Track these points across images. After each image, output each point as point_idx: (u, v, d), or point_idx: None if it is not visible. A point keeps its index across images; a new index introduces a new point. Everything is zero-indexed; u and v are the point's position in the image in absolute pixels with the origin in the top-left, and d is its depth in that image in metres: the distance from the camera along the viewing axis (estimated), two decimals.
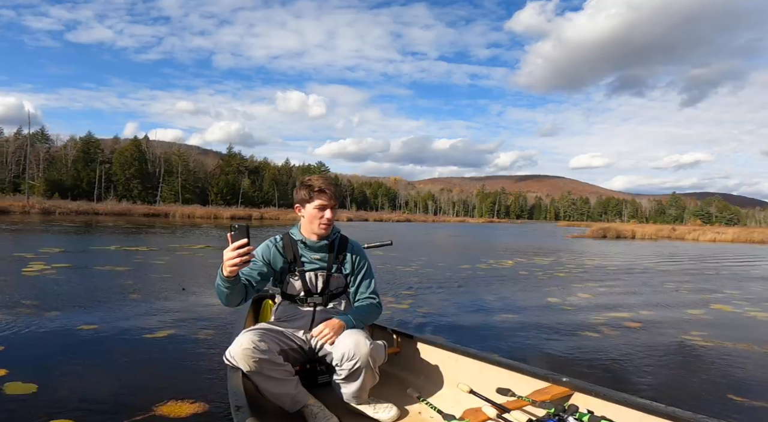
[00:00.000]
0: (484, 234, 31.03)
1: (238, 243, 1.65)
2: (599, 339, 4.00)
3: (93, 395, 2.47)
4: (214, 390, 2.52)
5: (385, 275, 7.66)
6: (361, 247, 2.27)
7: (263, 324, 2.11)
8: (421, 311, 4.94)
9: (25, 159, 60.15)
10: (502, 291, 6.39)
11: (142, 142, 79.77)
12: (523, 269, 9.29)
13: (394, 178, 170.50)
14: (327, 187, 2.05)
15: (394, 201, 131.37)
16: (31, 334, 3.56)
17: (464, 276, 7.94)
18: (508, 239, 24.21)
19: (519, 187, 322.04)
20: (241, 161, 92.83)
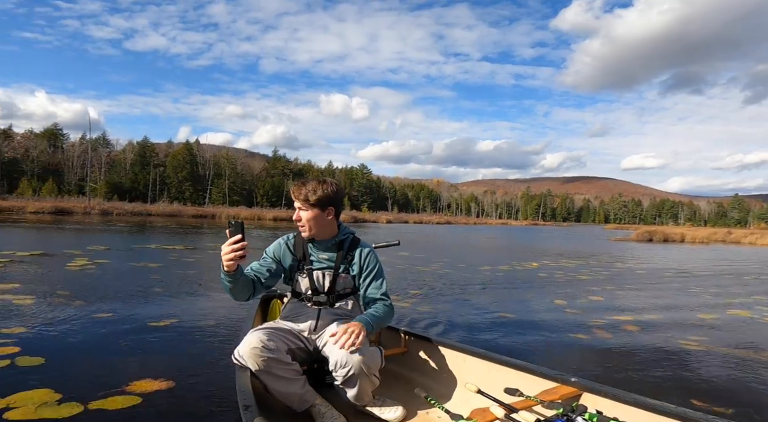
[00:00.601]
0: (522, 236, 30.51)
1: (233, 239, 1.73)
2: (587, 340, 4.04)
3: (90, 375, 2.84)
4: (223, 389, 2.55)
5: (400, 274, 7.85)
6: (372, 249, 2.25)
7: (271, 324, 2.14)
8: (420, 309, 5.10)
9: (88, 163, 64.40)
10: (509, 292, 6.45)
11: (193, 146, 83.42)
12: (545, 271, 9.22)
13: (436, 180, 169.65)
14: (293, 189, 2.10)
15: (437, 203, 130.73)
16: (52, 318, 4.03)
17: (479, 277, 8.00)
18: (544, 242, 23.75)
19: (566, 188, 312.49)
20: (286, 164, 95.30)
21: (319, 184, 2.08)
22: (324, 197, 2.06)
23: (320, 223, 2.10)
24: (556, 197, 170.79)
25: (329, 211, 2.11)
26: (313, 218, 2.07)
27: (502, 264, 10.39)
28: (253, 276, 2.02)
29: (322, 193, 2.05)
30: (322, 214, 2.08)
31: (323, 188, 2.06)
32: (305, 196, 2.05)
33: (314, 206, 2.06)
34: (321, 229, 2.11)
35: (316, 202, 2.06)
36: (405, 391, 2.25)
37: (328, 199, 2.08)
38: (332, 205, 2.11)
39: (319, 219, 2.09)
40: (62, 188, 62.00)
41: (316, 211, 2.07)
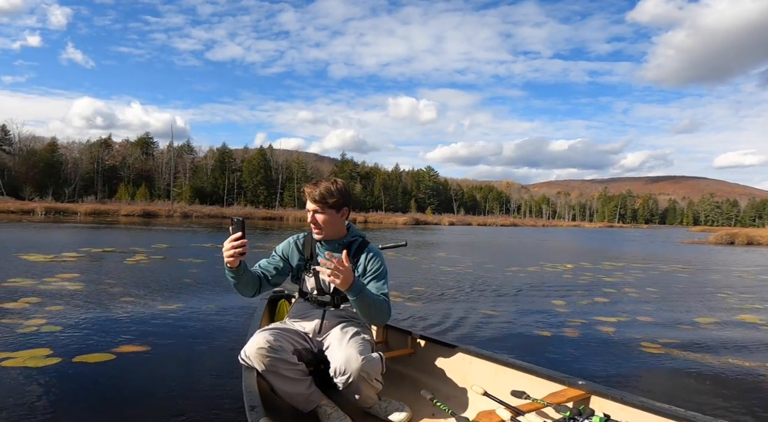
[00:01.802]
0: (584, 238, 29.27)
1: (234, 236, 1.78)
2: (548, 339, 4.21)
3: (86, 340, 3.55)
4: (229, 389, 2.58)
5: (416, 273, 8.20)
6: (379, 251, 2.23)
7: (277, 324, 2.15)
8: (412, 305, 5.47)
9: (171, 169, 70.19)
10: (516, 292, 6.59)
11: (266, 151, 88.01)
12: (572, 273, 9.12)
13: (506, 181, 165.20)
14: (308, 190, 2.08)
15: (506, 205, 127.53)
16: (85, 300, 4.90)
17: (499, 276, 8.15)
18: (603, 244, 22.75)
19: (650, 189, 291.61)
20: (354, 167, 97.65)
21: (334, 185, 2.09)
22: (340, 198, 2.09)
23: (334, 224, 2.12)
24: (637, 198, 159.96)
25: (343, 212, 2.13)
26: (329, 220, 2.09)
27: (534, 265, 10.36)
28: (259, 273, 2.06)
29: (339, 195, 2.08)
30: (336, 215, 2.10)
31: (338, 189, 2.08)
32: (323, 198, 2.06)
33: (331, 207, 2.08)
34: (334, 230, 2.13)
35: (333, 203, 2.07)
36: (411, 393, 2.24)
37: (343, 200, 2.11)
38: (346, 205, 2.14)
39: (334, 221, 2.11)
40: (153, 193, 68.05)
41: (333, 212, 2.09)
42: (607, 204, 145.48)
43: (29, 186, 55.85)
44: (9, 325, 3.81)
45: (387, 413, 2.04)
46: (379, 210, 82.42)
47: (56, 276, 6.41)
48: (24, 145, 65.57)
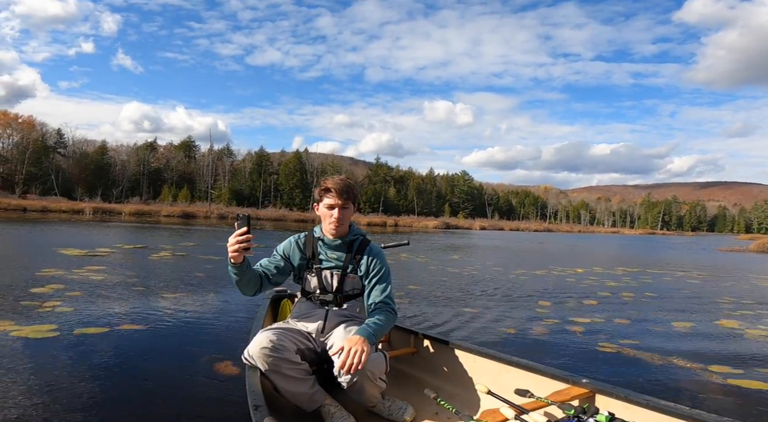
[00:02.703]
0: (616, 244, 28.56)
1: (239, 231, 1.78)
2: (513, 335, 4.45)
3: (89, 318, 4.06)
4: (233, 389, 2.60)
5: (417, 272, 8.49)
6: (381, 251, 2.22)
7: (281, 324, 2.16)
8: (398, 301, 5.79)
9: (210, 172, 72.78)
10: (504, 293, 6.78)
11: (302, 155, 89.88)
12: (577, 277, 9.15)
13: (544, 186, 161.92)
14: (335, 186, 2.05)
15: (543, 210, 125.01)
16: (100, 288, 5.46)
17: (499, 278, 8.33)
18: (635, 250, 22.20)
19: (699, 195, 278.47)
20: (387, 171, 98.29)
21: (351, 181, 2.12)
22: (358, 194, 2.15)
23: (349, 221, 2.14)
24: (683, 204, 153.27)
25: (355, 208, 2.17)
26: (349, 215, 2.12)
27: (542, 269, 10.43)
28: (261, 272, 2.05)
29: (357, 191, 2.13)
30: (353, 211, 2.15)
31: (354, 185, 2.13)
32: (350, 192, 2.07)
33: (354, 203, 2.12)
34: (347, 227, 2.14)
35: (357, 199, 2.13)
36: (415, 392, 2.24)
37: (359, 196, 2.16)
38: (358, 201, 2.18)
39: (351, 216, 2.14)
40: (194, 194, 70.80)
41: (352, 208, 2.13)
42: (650, 210, 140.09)
43: (81, 187, 59.33)
44: (28, 306, 4.40)
45: (391, 412, 2.04)
46: (412, 214, 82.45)
47: (84, 268, 7.10)
48: (77, 148, 69.66)
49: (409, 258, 11.57)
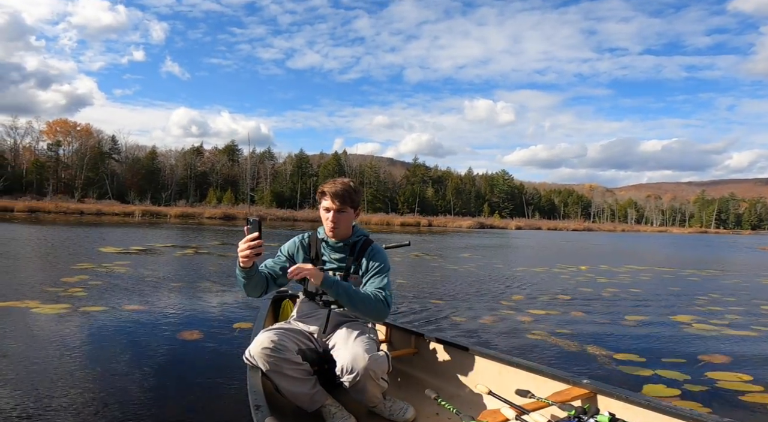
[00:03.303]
0: (655, 243, 27.69)
1: (250, 236, 1.77)
2: (465, 324, 4.90)
3: (95, 300, 4.85)
4: (234, 389, 2.63)
5: (418, 270, 8.96)
6: (382, 250, 2.25)
7: (282, 324, 2.18)
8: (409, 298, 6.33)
9: (249, 175, 75.43)
10: (490, 289, 7.17)
11: (341, 157, 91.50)
12: (571, 274, 9.33)
13: (589, 184, 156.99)
14: (329, 190, 2.08)
15: (587, 209, 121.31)
16: (116, 281, 6.30)
17: (495, 275, 8.70)
18: (668, 249, 21.60)
19: (761, 191, 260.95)
20: (425, 171, 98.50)
21: (352, 185, 2.15)
22: (358, 199, 2.15)
23: (349, 224, 2.16)
24: (742, 201, 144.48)
25: (358, 212, 2.19)
26: (347, 219, 2.13)
27: (544, 266, 10.64)
28: (266, 273, 2.08)
29: (357, 195, 2.14)
30: (353, 215, 2.16)
31: (356, 189, 2.15)
32: (347, 197, 2.09)
33: (352, 207, 2.13)
34: (347, 230, 2.16)
35: (355, 202, 2.14)
36: (415, 392, 2.25)
37: (359, 200, 2.17)
38: (360, 206, 2.20)
39: (350, 220, 2.15)
40: (237, 197, 73.66)
41: (352, 211, 2.14)
42: (704, 208, 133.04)
43: (133, 191, 63.12)
44: (54, 291, 5.26)
45: (391, 412, 2.06)
46: (450, 214, 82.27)
47: (113, 263, 8.06)
48: (129, 153, 74.10)
49: (421, 258, 12.04)
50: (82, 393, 2.53)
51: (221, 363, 3.15)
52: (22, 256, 8.79)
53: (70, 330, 3.81)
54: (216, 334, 3.88)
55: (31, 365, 2.93)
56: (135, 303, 4.89)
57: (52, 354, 3.18)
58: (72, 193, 59.63)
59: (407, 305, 5.41)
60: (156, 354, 3.29)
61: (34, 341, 3.47)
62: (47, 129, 66.99)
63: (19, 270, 7.05)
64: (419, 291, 6.44)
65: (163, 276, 6.94)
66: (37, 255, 9.20)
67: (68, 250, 10.33)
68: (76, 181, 63.74)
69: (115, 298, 5.10)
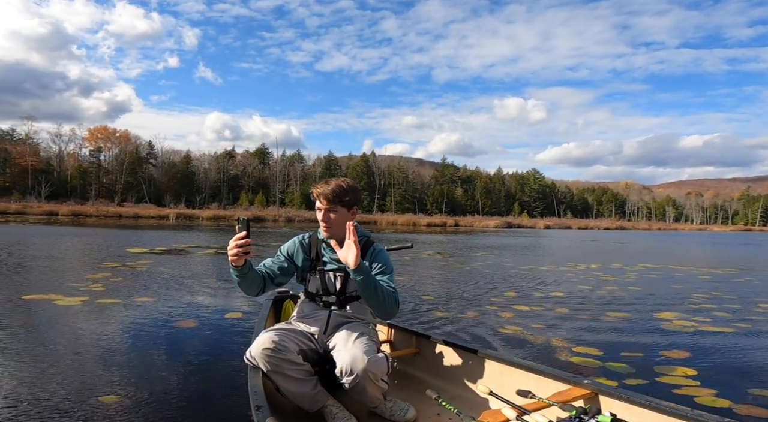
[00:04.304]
0: (687, 242, 26.84)
1: (239, 235, 1.80)
2: (441, 318, 5.15)
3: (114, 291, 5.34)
4: (235, 389, 2.64)
5: (420, 268, 9.22)
6: (384, 251, 2.24)
7: (283, 325, 2.18)
8: None
9: (277, 177, 76.97)
10: (485, 284, 7.36)
11: (369, 158, 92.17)
12: (577, 272, 9.36)
13: (624, 182, 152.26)
14: (318, 190, 2.11)
15: (622, 208, 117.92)
16: (135, 280, 6.83)
17: (498, 273, 8.85)
18: (698, 247, 20.98)
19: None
20: (454, 171, 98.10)
21: (345, 184, 2.13)
22: (352, 197, 2.13)
23: (344, 223, 2.09)
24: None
25: (353, 211, 2.17)
26: (340, 218, 2.11)
27: (549, 264, 10.69)
28: (264, 273, 2.09)
29: (351, 193, 2.12)
30: (348, 214, 2.14)
31: (349, 188, 2.13)
32: (336, 196, 2.08)
33: (343, 206, 2.11)
34: (343, 230, 2.09)
35: (346, 202, 2.12)
36: (416, 392, 2.26)
37: (354, 199, 2.15)
38: (356, 205, 2.17)
39: (345, 219, 2.11)
40: (268, 199, 75.36)
41: (344, 210, 2.12)
42: (750, 205, 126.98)
43: (169, 194, 65.52)
44: (77, 287, 5.80)
45: (392, 413, 2.07)
46: (479, 214, 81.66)
47: (137, 261, 8.67)
48: (165, 158, 76.94)
49: (427, 255, 12.26)
50: (81, 383, 2.77)
51: (221, 363, 3.19)
52: (57, 257, 9.53)
53: (80, 320, 4.29)
54: (215, 334, 3.97)
55: (35, 350, 3.39)
56: (145, 297, 5.36)
57: (57, 341, 3.63)
58: (112, 197, 62.45)
59: None
60: (157, 348, 3.50)
61: (47, 329, 3.94)
62: (89, 136, 70.51)
63: (52, 268, 7.70)
64: (414, 287, 6.70)
65: (178, 274, 7.45)
66: (71, 256, 9.95)
67: (99, 251, 11.09)
68: (116, 185, 66.72)
69: (128, 293, 5.59)
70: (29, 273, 7.05)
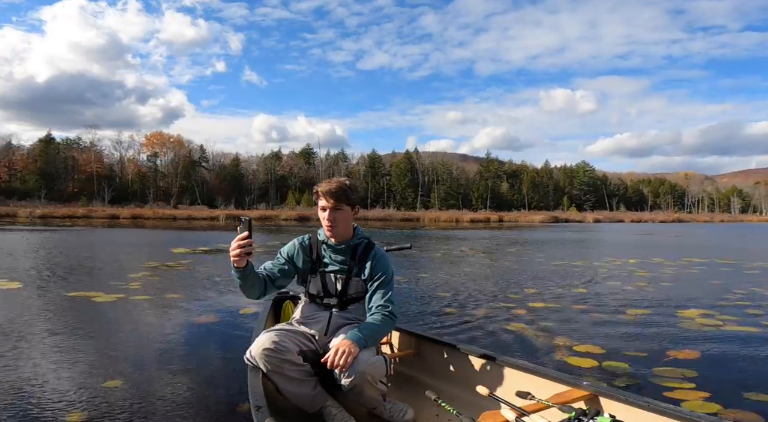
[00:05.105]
0: (745, 234, 25.08)
1: (241, 236, 1.80)
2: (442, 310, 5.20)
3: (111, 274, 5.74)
4: (235, 389, 2.66)
5: (422, 265, 9.23)
6: (385, 254, 2.24)
7: (283, 325, 2.20)
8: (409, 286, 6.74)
9: (320, 177, 78.14)
10: (492, 278, 7.32)
11: (412, 155, 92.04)
12: (612, 269, 9.07)
13: (684, 173, 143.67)
14: (323, 188, 2.09)
15: (682, 199, 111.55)
16: (170, 277, 7.27)
17: (522, 268, 8.74)
18: (760, 240, 19.62)
19: None
20: (499, 166, 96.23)
21: (349, 182, 2.13)
22: (355, 196, 2.12)
23: (348, 223, 2.13)
24: None
25: (356, 210, 2.17)
26: (344, 217, 2.11)
27: (582, 259, 10.38)
28: (264, 275, 2.08)
29: (353, 192, 2.12)
30: (351, 213, 2.14)
31: (352, 186, 2.13)
32: (341, 194, 2.07)
33: (348, 205, 2.11)
34: (346, 229, 2.13)
35: (350, 200, 2.11)
36: (416, 393, 2.26)
37: (358, 198, 2.15)
38: (358, 204, 2.18)
39: (348, 219, 2.13)
40: None
41: (348, 209, 2.12)
42: None
43: (220, 196, 68.26)
44: (116, 285, 6.27)
45: (392, 414, 2.08)
46: (525, 208, 79.76)
47: (177, 261, 9.22)
48: (216, 161, 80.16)
49: (460, 251, 12.20)
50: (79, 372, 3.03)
51: (221, 363, 3.22)
52: (108, 258, 10.27)
53: (106, 315, 4.68)
54: (216, 334, 4.03)
55: (52, 340, 3.76)
56: (174, 294, 5.75)
57: (76, 332, 4.00)
58: (168, 200, 65.82)
59: (414, 301, 5.79)
60: (166, 345, 3.70)
61: (73, 322, 4.34)
62: (146, 141, 74.66)
63: (101, 268, 8.34)
64: (431, 284, 6.75)
65: (212, 273, 7.85)
66: (121, 256, 10.69)
67: (147, 251, 11.85)
68: (172, 188, 70.24)
69: (159, 291, 6.00)
70: (80, 273, 7.68)
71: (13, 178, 64.05)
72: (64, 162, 67.19)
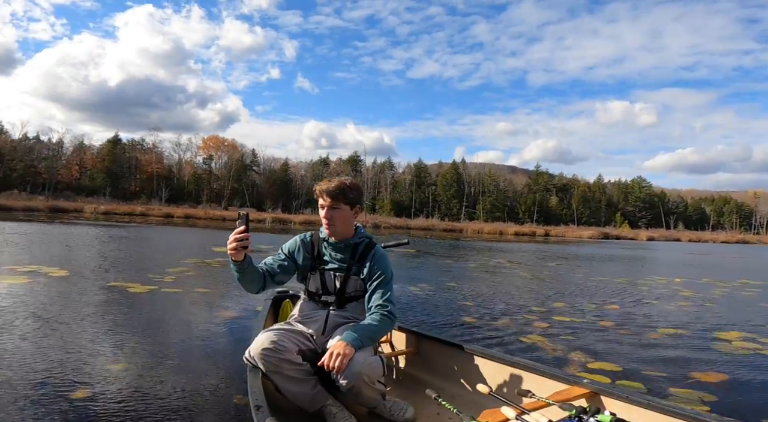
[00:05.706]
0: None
1: (238, 230, 1.84)
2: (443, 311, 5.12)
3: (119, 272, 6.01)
4: (235, 390, 2.65)
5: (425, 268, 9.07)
6: (385, 254, 2.24)
7: (282, 324, 2.19)
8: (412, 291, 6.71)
9: (371, 184, 78.96)
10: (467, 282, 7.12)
11: (459, 165, 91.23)
12: (654, 287, 8.62)
13: (753, 191, 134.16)
14: (321, 187, 2.11)
15: (749, 219, 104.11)
16: (200, 271, 7.56)
17: (558, 282, 8.47)
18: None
19: None
20: (549, 179, 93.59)
21: (348, 182, 2.14)
22: (354, 195, 2.14)
23: (347, 222, 2.15)
24: None
25: (356, 210, 2.18)
26: (343, 216, 2.12)
27: (623, 277, 9.91)
28: (264, 270, 2.10)
29: (353, 191, 2.13)
30: (350, 213, 2.16)
31: (352, 186, 2.14)
32: (339, 193, 2.09)
33: (347, 204, 2.12)
34: (345, 228, 2.16)
35: (348, 199, 2.12)
36: (416, 392, 2.26)
37: (357, 197, 2.16)
38: (359, 203, 2.19)
39: (348, 218, 2.15)
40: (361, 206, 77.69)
41: (347, 208, 2.13)
42: None
43: (268, 199, 70.33)
44: (153, 277, 6.62)
45: (392, 412, 2.08)
46: (574, 224, 77.06)
47: (215, 259, 9.59)
48: (267, 165, 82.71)
49: (497, 263, 11.97)
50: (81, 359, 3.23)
51: (221, 364, 3.22)
52: (153, 253, 10.84)
53: (135, 304, 4.96)
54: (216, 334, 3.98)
55: (67, 323, 4.01)
56: (203, 288, 6.02)
57: (101, 319, 4.26)
58: (220, 201, 68.47)
59: (431, 308, 5.75)
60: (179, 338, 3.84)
61: (105, 309, 4.62)
62: (202, 144, 78.03)
63: (144, 262, 8.82)
64: (459, 293, 6.68)
65: None
66: (166, 252, 11.26)
67: (191, 249, 12.39)
68: (224, 190, 73.02)
69: (191, 285, 6.28)
70: (125, 265, 8.16)
71: (83, 176, 68.75)
72: (129, 162, 71.39)
